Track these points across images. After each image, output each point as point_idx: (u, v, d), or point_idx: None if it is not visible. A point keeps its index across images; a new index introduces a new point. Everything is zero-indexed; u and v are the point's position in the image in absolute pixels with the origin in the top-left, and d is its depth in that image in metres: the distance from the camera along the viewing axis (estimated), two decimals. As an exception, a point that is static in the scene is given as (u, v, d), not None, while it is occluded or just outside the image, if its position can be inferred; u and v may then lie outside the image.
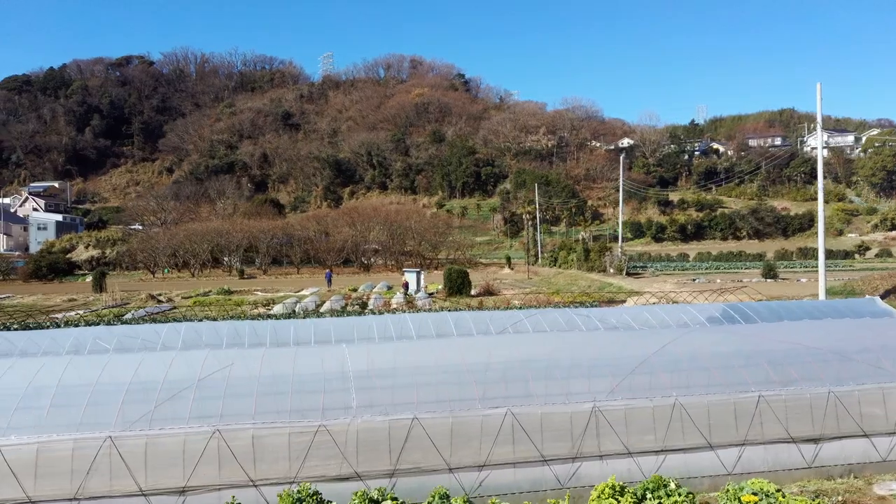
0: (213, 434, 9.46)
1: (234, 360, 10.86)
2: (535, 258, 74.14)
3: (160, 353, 11.90)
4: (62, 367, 10.51)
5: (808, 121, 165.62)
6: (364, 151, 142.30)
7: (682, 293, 34.84)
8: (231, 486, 9.34)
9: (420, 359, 11.17)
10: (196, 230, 73.92)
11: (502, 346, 11.95)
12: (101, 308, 41.62)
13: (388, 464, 9.73)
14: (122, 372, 10.38)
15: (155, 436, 9.38)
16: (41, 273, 68.45)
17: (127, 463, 9.19)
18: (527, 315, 16.36)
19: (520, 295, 43.32)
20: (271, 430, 9.62)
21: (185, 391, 9.98)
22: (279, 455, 9.54)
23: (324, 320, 16.40)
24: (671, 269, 62.25)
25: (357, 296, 45.00)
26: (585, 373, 10.83)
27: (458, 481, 9.78)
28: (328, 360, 10.97)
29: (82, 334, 14.80)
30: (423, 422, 9.93)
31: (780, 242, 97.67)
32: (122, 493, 9.15)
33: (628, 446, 10.29)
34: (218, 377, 10.34)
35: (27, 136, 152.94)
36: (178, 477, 9.26)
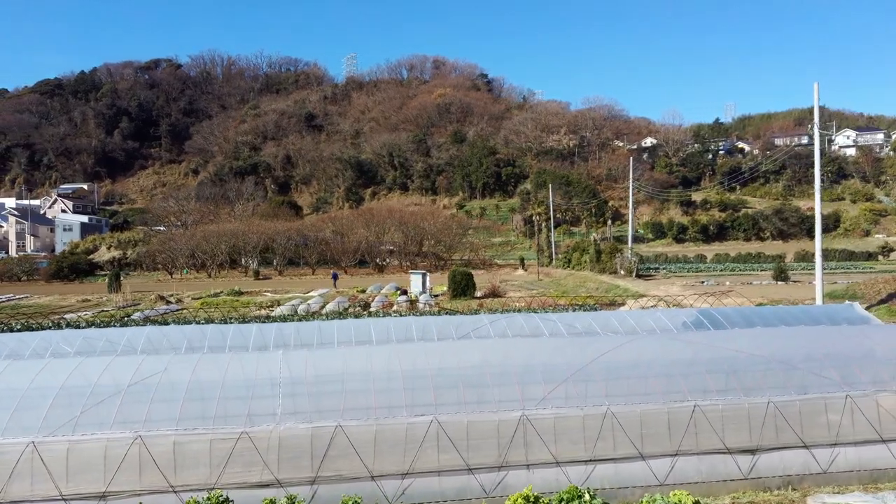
0: (135, 440, 9.56)
1: (168, 365, 10.97)
2: (549, 259, 73.71)
3: (100, 357, 12.06)
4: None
5: (838, 118, 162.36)
6: (386, 152, 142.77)
7: (684, 296, 34.33)
8: (151, 491, 9.44)
9: (355, 365, 11.16)
10: (213, 231, 74.89)
11: (441, 352, 11.87)
12: (112, 309, 42.43)
13: (310, 471, 9.74)
14: (55, 377, 10.54)
15: (77, 441, 9.52)
16: (63, 273, 69.93)
17: (49, 468, 9.34)
18: (491, 320, 16.27)
19: (525, 297, 43.06)
20: (193, 436, 9.69)
21: (112, 396, 10.10)
22: (200, 461, 9.61)
23: (288, 325, 16.48)
24: (686, 270, 61.40)
25: (362, 297, 45.20)
26: (518, 380, 10.72)
27: (380, 489, 9.76)
28: (262, 366, 11.02)
29: (51, 337, 15.09)
30: (347, 429, 9.92)
31: (803, 243, 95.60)
32: (44, 497, 9.29)
33: (556, 456, 10.16)
34: (149, 383, 10.44)
35: (58, 138, 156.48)
36: (98, 482, 9.38)
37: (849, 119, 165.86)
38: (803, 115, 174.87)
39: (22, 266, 71.11)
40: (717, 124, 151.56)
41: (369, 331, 15.53)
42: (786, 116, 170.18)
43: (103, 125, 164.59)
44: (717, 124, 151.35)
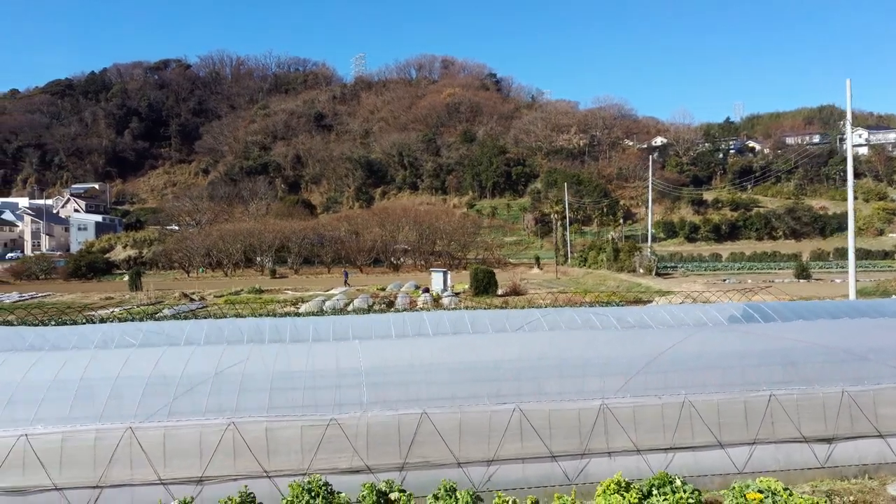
0: (229, 426, 9.78)
1: (249, 355, 11.18)
2: (564, 258, 73.81)
3: (181, 347, 12.28)
4: (86, 360, 10.94)
5: (852, 118, 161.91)
6: (395, 152, 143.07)
7: (708, 293, 34.44)
8: (246, 476, 9.65)
9: (431, 355, 11.35)
10: (229, 230, 75.28)
11: (515, 343, 12.07)
12: (136, 306, 42.73)
13: (398, 457, 9.93)
14: (142, 365, 10.76)
15: (173, 427, 9.73)
16: (81, 272, 70.39)
17: (147, 453, 9.56)
18: (543, 314, 16.42)
19: (547, 295, 43.22)
20: (284, 422, 9.90)
21: (201, 384, 10.31)
22: (291, 447, 9.82)
23: (343, 318, 16.69)
24: (703, 269, 61.44)
25: (384, 295, 45.42)
26: (595, 371, 10.90)
27: (467, 475, 9.94)
28: (342, 356, 11.21)
29: (111, 330, 15.28)
30: (433, 416, 10.11)
31: (816, 242, 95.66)
32: (143, 481, 9.51)
33: (637, 444, 10.34)
34: (233, 371, 10.66)
35: (69, 138, 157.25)
36: (195, 467, 9.59)
37: (859, 118, 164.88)
38: (812, 114, 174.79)
39: (40, 265, 71.54)
40: (728, 123, 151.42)
41: (424, 324, 15.71)
42: (795, 116, 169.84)
43: (114, 125, 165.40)
44: (727, 123, 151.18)
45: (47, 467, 9.35)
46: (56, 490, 9.34)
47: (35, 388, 10.11)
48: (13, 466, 9.32)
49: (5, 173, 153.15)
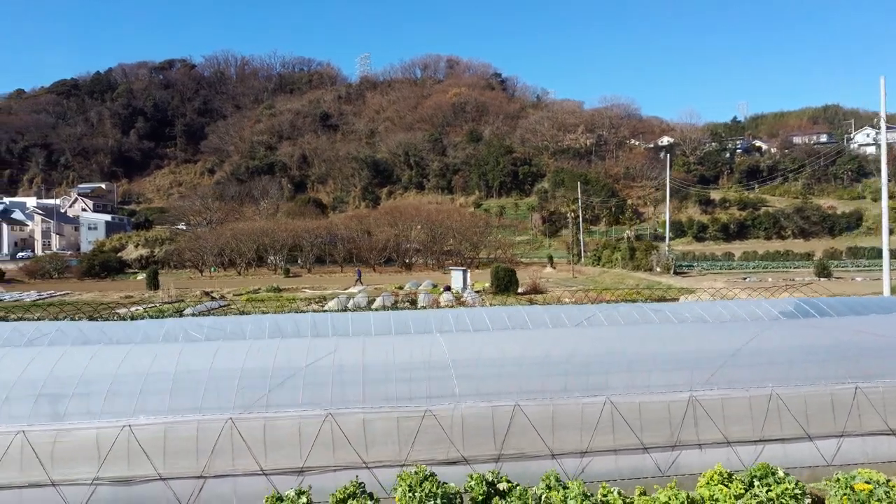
0: (326, 417, 9.87)
1: (336, 347, 11.26)
2: (577, 257, 73.92)
3: (266, 340, 12.36)
4: (176, 354, 11.03)
5: (853, 117, 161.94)
6: (401, 152, 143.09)
7: (735, 291, 34.50)
8: (345, 467, 9.73)
9: (522, 349, 11.44)
10: (243, 230, 75.36)
11: (590, 337, 12.16)
12: (158, 304, 42.79)
13: (493, 449, 10.03)
14: (233, 358, 10.85)
15: (272, 418, 9.83)
16: (94, 271, 70.41)
17: (248, 443, 9.65)
18: (599, 309, 16.54)
19: (566, 293, 43.28)
20: (380, 413, 9.99)
21: (294, 376, 10.40)
22: (389, 439, 9.91)
23: (401, 313, 16.75)
24: (717, 268, 61.50)
25: (405, 293, 45.49)
26: (681, 364, 11.00)
27: (560, 467, 10.03)
28: (428, 349, 11.29)
29: (174, 325, 15.37)
30: (525, 408, 10.21)
31: (826, 242, 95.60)
32: (245, 471, 9.60)
33: (726, 436, 10.42)
34: (323, 363, 10.74)
35: (75, 138, 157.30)
36: (295, 458, 9.69)
37: (863, 118, 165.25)
38: (817, 113, 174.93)
39: (53, 264, 71.58)
40: (735, 123, 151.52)
41: (483, 319, 15.82)
42: (799, 115, 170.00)
43: (119, 125, 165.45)
44: (734, 123, 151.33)
45: (151, 458, 9.45)
46: (161, 480, 9.44)
47: (132, 380, 10.19)
48: (118, 457, 9.41)
49: (11, 173, 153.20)
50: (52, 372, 10.27)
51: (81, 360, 10.65)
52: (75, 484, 9.28)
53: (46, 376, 10.14)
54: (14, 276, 67.95)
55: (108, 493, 9.32)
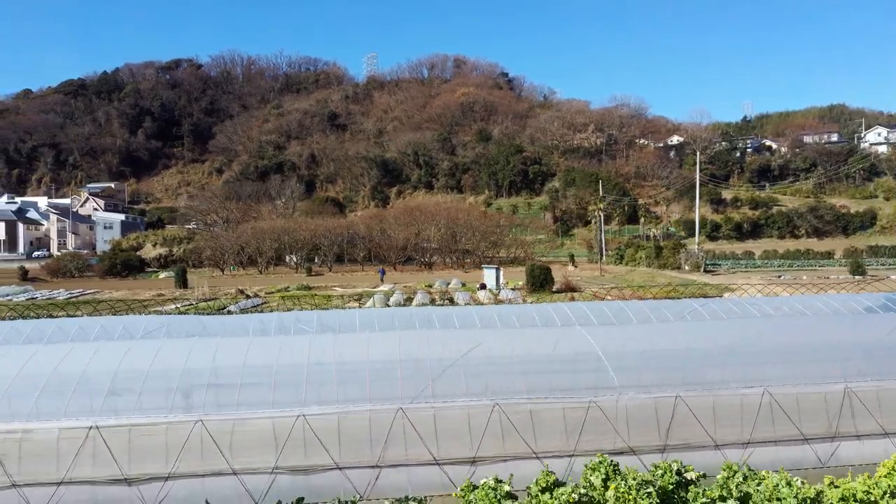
0: (494, 407, 9.93)
1: (483, 339, 11.31)
2: (598, 256, 73.93)
3: (408, 331, 12.41)
4: (330, 344, 11.07)
5: (859, 116, 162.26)
6: (411, 151, 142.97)
7: (780, 289, 34.57)
8: (515, 457, 9.79)
9: (684, 340, 11.49)
10: (263, 228, 75.36)
11: (739, 328, 12.23)
12: (194, 302, 42.78)
13: (657, 439, 10.09)
14: (387, 350, 10.90)
15: (442, 408, 9.88)
16: (116, 270, 70.37)
17: (419, 432, 9.70)
18: (700, 304, 16.59)
19: (603, 291, 43.31)
20: (546, 404, 10.04)
21: (453, 367, 10.45)
22: (555, 429, 9.96)
23: (499, 308, 16.79)
24: (741, 266, 61.54)
25: (439, 292, 45.52)
26: (833, 355, 11.07)
27: (724, 457, 10.07)
28: (572, 341, 11.35)
29: (286, 318, 15.42)
30: (687, 399, 10.27)
31: (840, 241, 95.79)
32: (417, 461, 9.65)
33: (884, 427, 10.48)
34: (475, 355, 10.79)
35: (83, 138, 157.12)
36: (467, 448, 9.74)
37: (870, 117, 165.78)
38: (823, 112, 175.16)
39: (74, 263, 71.54)
40: (745, 122, 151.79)
41: (586, 314, 15.88)
42: (805, 115, 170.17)
43: (127, 125, 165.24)
44: (744, 122, 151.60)
45: (327, 447, 9.49)
46: (337, 469, 9.49)
47: (295, 371, 10.25)
48: (295, 446, 9.46)
49: (20, 173, 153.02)
50: (214, 363, 10.32)
51: (238, 352, 10.70)
52: (256, 473, 9.34)
53: (211, 367, 10.19)
54: (37, 275, 67.88)
55: (287, 481, 9.37)
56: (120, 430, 9.24)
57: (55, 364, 10.11)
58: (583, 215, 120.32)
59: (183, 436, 9.28)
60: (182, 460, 9.22)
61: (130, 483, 9.09)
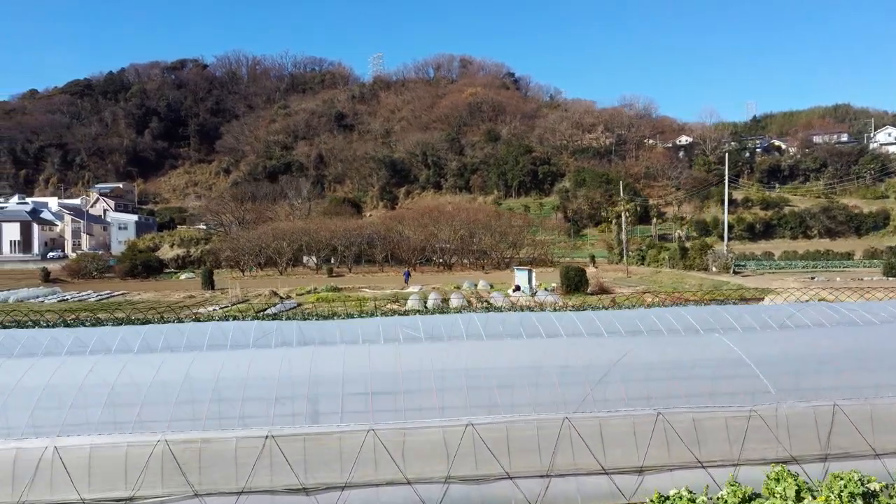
0: (658, 417, 9.92)
1: (626, 347, 11.31)
2: (619, 257, 74.04)
3: (564, 339, 12.39)
4: (481, 351, 11.05)
5: (865, 116, 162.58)
6: (419, 151, 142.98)
7: (825, 292, 34.58)
8: (680, 466, 9.78)
9: (797, 347, 11.51)
10: (284, 229, 75.28)
11: (862, 335, 12.24)
12: (230, 305, 42.71)
13: (818, 448, 10.07)
14: (541, 355, 10.89)
15: (606, 417, 9.86)
16: (137, 271, 70.24)
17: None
18: (797, 308, 16.60)
19: (636, 293, 43.31)
20: (709, 413, 10.04)
21: (609, 374, 10.44)
22: (718, 437, 9.95)
23: (584, 314, 16.75)
24: (766, 267, 61.62)
25: (474, 294, 45.55)
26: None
27: (884, 467, 10.07)
28: (712, 347, 11.36)
29: (389, 323, 15.38)
30: (844, 408, 10.26)
31: (853, 241, 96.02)
32: (587, 470, 9.61)
33: None
34: (629, 362, 10.78)
35: (90, 138, 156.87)
36: (633, 457, 9.72)
37: (874, 116, 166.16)
38: (827, 112, 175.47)
39: (94, 264, 71.42)
40: (755, 122, 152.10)
41: (687, 319, 15.86)
42: (809, 114, 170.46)
43: (133, 125, 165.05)
44: (753, 122, 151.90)
45: (497, 456, 9.48)
46: (508, 479, 9.48)
47: (456, 377, 10.23)
48: (465, 455, 9.42)
49: (27, 173, 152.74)
50: (370, 369, 10.30)
51: (388, 359, 10.69)
52: (429, 482, 9.32)
53: (370, 373, 10.18)
54: (57, 276, 67.77)
55: (460, 491, 9.35)
56: (295, 440, 9.22)
57: (217, 371, 10.09)
58: (594, 216, 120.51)
59: (356, 445, 9.27)
60: (357, 469, 9.20)
61: (308, 492, 9.07)
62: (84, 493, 8.66)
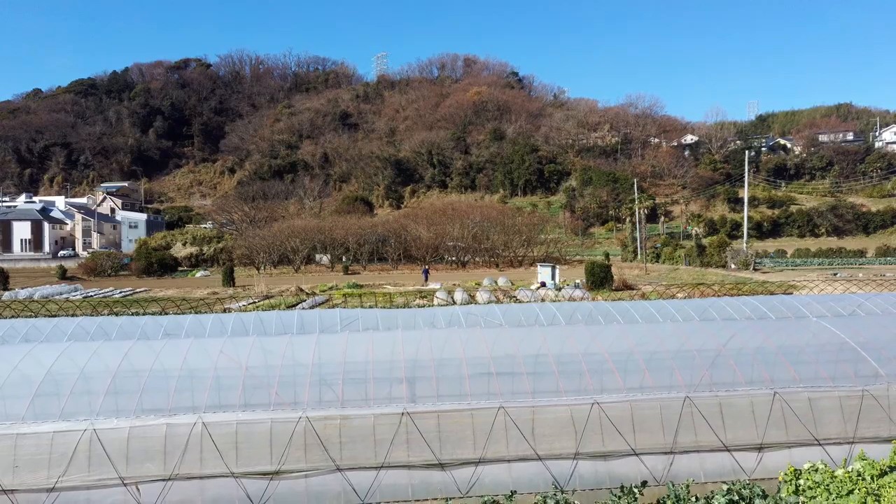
0: (774, 396, 10.15)
1: (735, 330, 11.54)
2: (633, 255, 74.31)
3: (666, 324, 12.62)
4: (577, 334, 11.29)
5: (867, 115, 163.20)
6: (424, 150, 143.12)
7: (847, 284, 34.87)
8: (797, 444, 10.03)
9: (889, 332, 11.76)
10: (298, 227, 75.45)
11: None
12: (255, 301, 42.88)
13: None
14: (634, 339, 11.12)
15: (725, 396, 10.09)
16: (152, 269, 70.33)
17: (707, 419, 9.91)
18: (865, 298, 16.85)
19: (661, 288, 43.55)
20: (822, 392, 10.29)
21: (718, 357, 10.68)
22: (833, 416, 10.20)
23: (660, 302, 17.02)
24: (783, 265, 61.89)
25: (500, 290, 45.79)
26: None
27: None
28: (819, 332, 11.60)
29: (451, 312, 15.59)
30: None
31: (861, 239, 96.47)
32: (709, 447, 9.87)
33: None
34: (736, 344, 11.02)
35: (94, 137, 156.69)
36: (752, 434, 9.97)
37: (876, 116, 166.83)
38: (829, 111, 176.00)
39: (110, 262, 71.52)
40: (760, 120, 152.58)
41: (760, 309, 16.10)
42: (811, 113, 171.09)
43: (138, 124, 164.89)
44: (759, 121, 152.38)
45: (623, 433, 9.71)
46: (634, 455, 9.70)
47: (572, 360, 10.46)
48: (592, 432, 9.65)
49: (32, 172, 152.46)
50: (493, 353, 10.53)
51: (509, 342, 10.91)
52: (559, 458, 9.57)
53: (493, 356, 10.40)
54: (74, 274, 67.86)
55: (588, 467, 9.58)
56: (428, 416, 9.44)
57: (342, 352, 10.32)
58: (601, 214, 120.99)
59: (488, 421, 9.49)
60: (489, 445, 9.43)
61: (444, 467, 9.29)
62: (232, 467, 8.87)
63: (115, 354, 10.14)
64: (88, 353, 10.13)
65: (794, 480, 8.79)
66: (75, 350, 10.31)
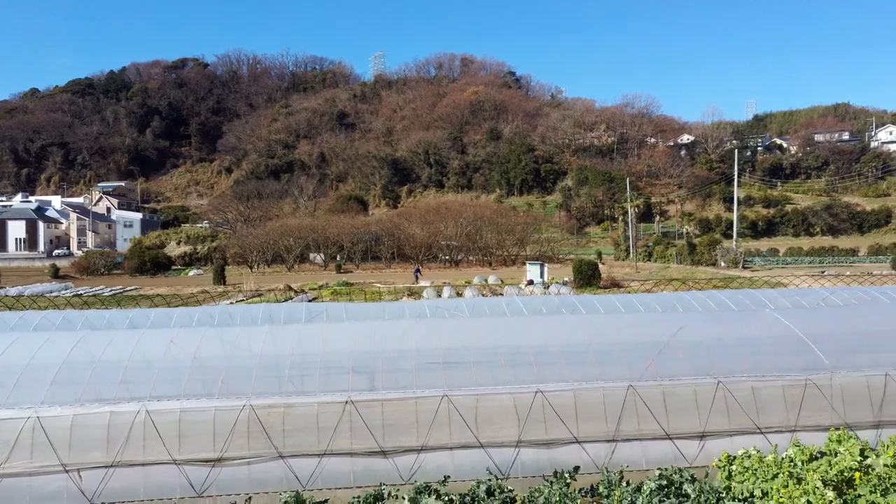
0: (718, 385, 10.29)
1: (684, 322, 11.67)
2: (625, 253, 74.49)
3: (613, 315, 12.76)
4: (527, 325, 11.42)
5: (864, 115, 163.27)
6: (421, 150, 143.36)
7: (834, 280, 35.01)
8: (741, 432, 10.16)
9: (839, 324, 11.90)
10: (291, 226, 75.63)
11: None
12: (244, 298, 43.03)
13: (871, 416, 10.45)
14: (585, 332, 11.25)
15: (669, 385, 10.23)
16: (145, 268, 70.52)
17: (650, 409, 10.04)
18: (830, 292, 16.98)
19: (649, 285, 43.68)
20: (766, 381, 10.42)
21: (666, 348, 10.81)
22: (776, 405, 10.33)
23: (627, 296, 17.15)
24: (773, 263, 62.05)
25: (484, 287, 45.91)
26: None
27: (934, 431, 10.44)
28: (771, 324, 11.74)
29: (435, 304, 15.73)
30: (895, 377, 10.63)
31: (856, 239, 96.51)
32: (652, 435, 10.01)
33: None
34: (685, 336, 11.15)
35: (92, 137, 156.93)
36: (695, 423, 10.10)
37: (873, 116, 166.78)
38: (827, 111, 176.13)
39: (104, 261, 71.71)
40: (757, 120, 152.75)
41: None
42: (809, 113, 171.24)
43: (135, 124, 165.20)
44: (755, 120, 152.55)
45: (565, 421, 9.84)
46: (577, 443, 9.83)
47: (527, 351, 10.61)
48: (535, 420, 9.79)
49: (29, 172, 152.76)
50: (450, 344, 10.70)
51: (456, 333, 11.02)
52: (501, 446, 9.70)
53: (447, 348, 10.55)
54: (67, 273, 68.02)
55: (531, 454, 9.69)
56: (373, 405, 9.57)
57: (293, 343, 10.46)
58: (596, 213, 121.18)
59: (432, 409, 9.62)
60: (432, 433, 9.55)
61: (387, 455, 9.42)
62: (175, 454, 9.00)
63: (68, 343, 10.28)
64: (40, 342, 10.27)
65: (728, 466, 8.95)
66: (28, 339, 10.45)
